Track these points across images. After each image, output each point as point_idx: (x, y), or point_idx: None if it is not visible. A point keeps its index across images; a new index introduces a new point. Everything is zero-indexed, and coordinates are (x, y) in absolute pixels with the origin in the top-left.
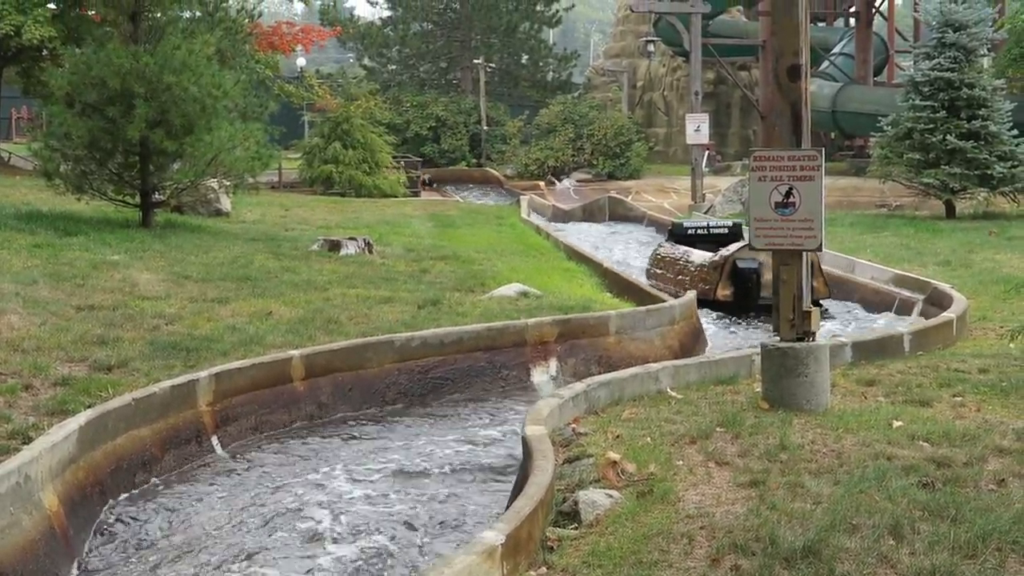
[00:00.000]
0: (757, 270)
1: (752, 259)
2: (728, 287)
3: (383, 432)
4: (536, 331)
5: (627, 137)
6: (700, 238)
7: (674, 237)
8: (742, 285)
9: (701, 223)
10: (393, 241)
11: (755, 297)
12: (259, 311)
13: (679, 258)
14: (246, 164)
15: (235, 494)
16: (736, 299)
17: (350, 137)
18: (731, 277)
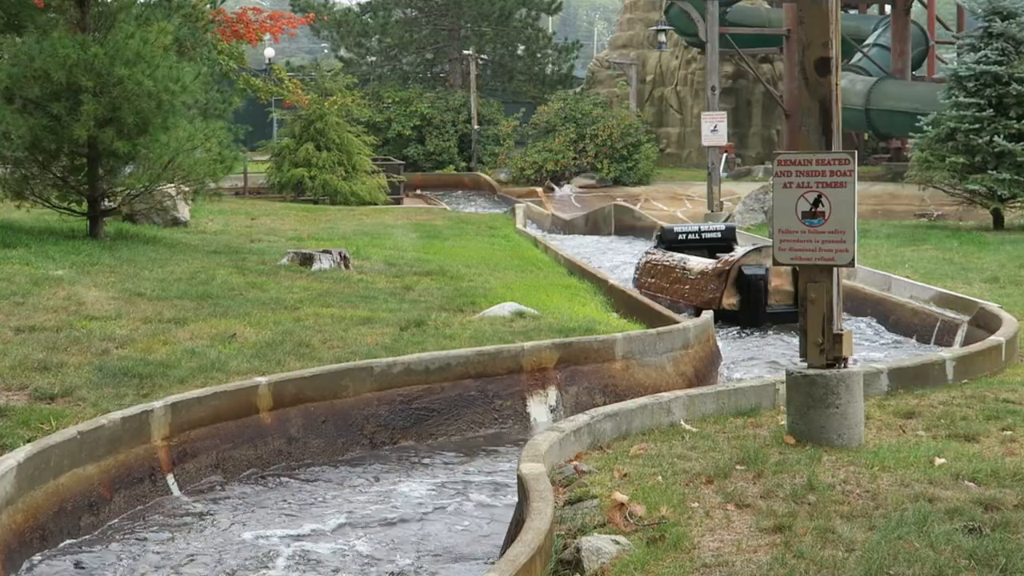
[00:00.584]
0: (765, 277)
1: (759, 265)
2: (734, 296)
3: (360, 469)
4: (533, 356)
5: (635, 138)
6: (692, 243)
7: (664, 243)
8: (749, 293)
9: (692, 227)
10: (372, 254)
11: (763, 306)
12: (221, 333)
13: (674, 265)
14: (207, 167)
15: (191, 541)
16: (743, 309)
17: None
18: (737, 285)
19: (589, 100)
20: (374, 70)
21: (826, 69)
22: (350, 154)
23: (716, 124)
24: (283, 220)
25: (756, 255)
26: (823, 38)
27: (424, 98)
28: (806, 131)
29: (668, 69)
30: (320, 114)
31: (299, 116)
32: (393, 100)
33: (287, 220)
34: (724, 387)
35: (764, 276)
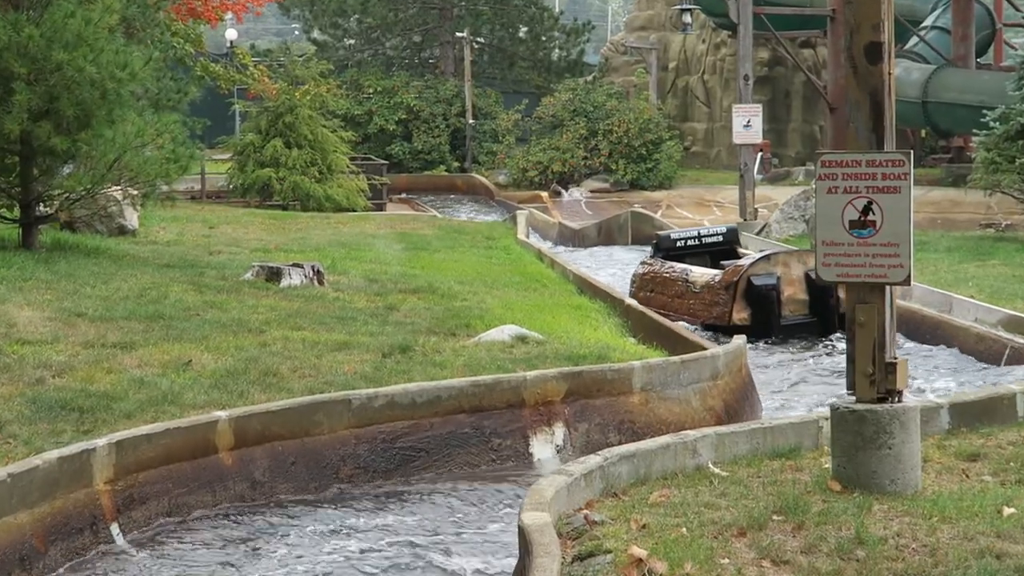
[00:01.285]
0: (776, 287)
1: (769, 274)
2: (744, 309)
3: (335, 520)
4: (537, 388)
5: (656, 134)
6: (691, 250)
7: (661, 251)
8: (760, 306)
9: (691, 232)
10: (350, 269)
11: (776, 318)
12: (175, 360)
13: (675, 276)
14: (159, 167)
15: None
16: (754, 322)
17: (295, 133)
18: (746, 297)
19: (602, 90)
20: (353, 55)
21: (877, 55)
22: (325, 152)
23: (749, 118)
24: (247, 229)
25: (765, 263)
26: (874, 19)
27: (411, 88)
28: (854, 127)
29: (694, 55)
30: (290, 106)
31: (265, 108)
32: (375, 90)
33: (251, 229)
34: (759, 424)
35: (776, 286)
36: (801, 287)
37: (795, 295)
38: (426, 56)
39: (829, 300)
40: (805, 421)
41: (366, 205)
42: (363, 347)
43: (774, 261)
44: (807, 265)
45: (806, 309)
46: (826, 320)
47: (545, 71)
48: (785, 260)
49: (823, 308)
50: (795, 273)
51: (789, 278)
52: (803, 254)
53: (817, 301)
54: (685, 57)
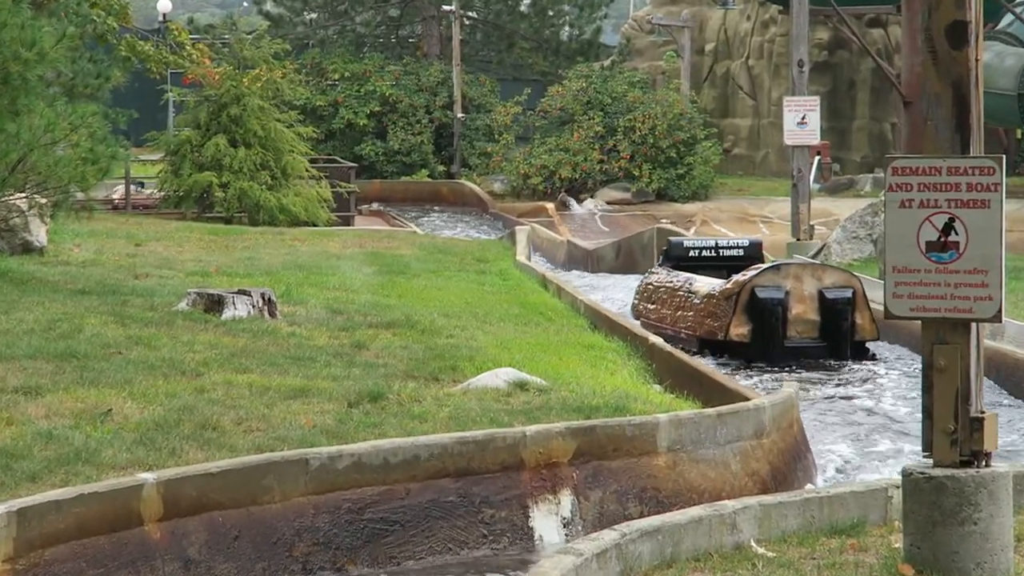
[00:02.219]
0: (783, 301)
1: (776, 287)
2: (744, 324)
3: None
4: (539, 446)
5: (688, 133)
6: (707, 262)
7: (671, 260)
8: (763, 322)
9: (708, 242)
10: (309, 297)
11: (779, 338)
12: (91, 409)
13: (679, 287)
14: (73, 170)
15: None
16: (755, 341)
17: (242, 128)
18: (748, 311)
19: (623, 78)
20: (314, 32)
21: (962, 38)
22: (279, 153)
23: (805, 114)
24: (181, 247)
25: (774, 275)
26: None
27: (386, 73)
28: (933, 126)
29: (736, 35)
30: (236, 95)
31: (206, 97)
32: (341, 75)
33: (187, 247)
34: (813, 493)
35: (782, 301)
36: (813, 306)
37: (804, 314)
38: (405, 34)
39: (843, 323)
40: (871, 490)
41: (329, 218)
42: (324, 394)
43: (784, 273)
44: (822, 282)
45: (816, 332)
46: (837, 346)
47: (552, 54)
48: (797, 273)
49: (835, 332)
50: (807, 290)
51: (800, 294)
52: (818, 269)
53: (830, 323)
54: (726, 37)
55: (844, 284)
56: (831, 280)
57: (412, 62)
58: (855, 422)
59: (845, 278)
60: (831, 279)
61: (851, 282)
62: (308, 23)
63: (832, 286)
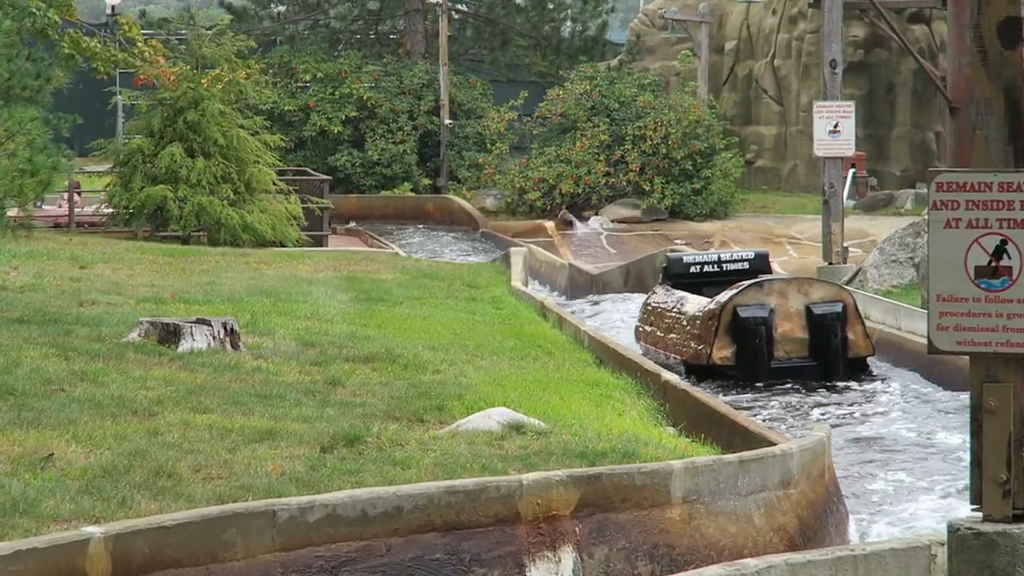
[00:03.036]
0: (767, 320)
1: (760, 305)
2: (727, 346)
3: None
4: (538, 496)
5: (706, 142)
6: (709, 278)
7: (671, 278)
8: (747, 342)
9: (710, 256)
10: (277, 327)
11: (764, 359)
12: (29, 453)
13: (671, 308)
14: (9, 183)
15: None
16: (739, 362)
17: (200, 136)
18: (731, 332)
19: (632, 80)
20: (283, 28)
21: (1016, 36)
22: (242, 164)
23: (838, 121)
24: (132, 270)
25: (756, 292)
26: None
27: (363, 74)
28: (982, 135)
29: (760, 31)
30: (194, 98)
31: (160, 101)
32: (313, 76)
33: (139, 270)
34: (847, 551)
35: (766, 320)
36: (800, 323)
37: (791, 332)
38: (385, 30)
39: (833, 340)
40: (912, 547)
41: (300, 238)
42: (294, 437)
43: (768, 290)
44: (809, 297)
45: (805, 350)
46: (828, 365)
47: (552, 52)
48: (782, 289)
49: (826, 350)
50: (793, 306)
51: (786, 311)
52: (804, 283)
53: (819, 341)
54: (748, 34)
55: (833, 298)
56: (819, 295)
57: (393, 62)
58: (867, 449)
59: (834, 292)
60: (819, 294)
61: (841, 296)
62: (276, 17)
63: (820, 301)
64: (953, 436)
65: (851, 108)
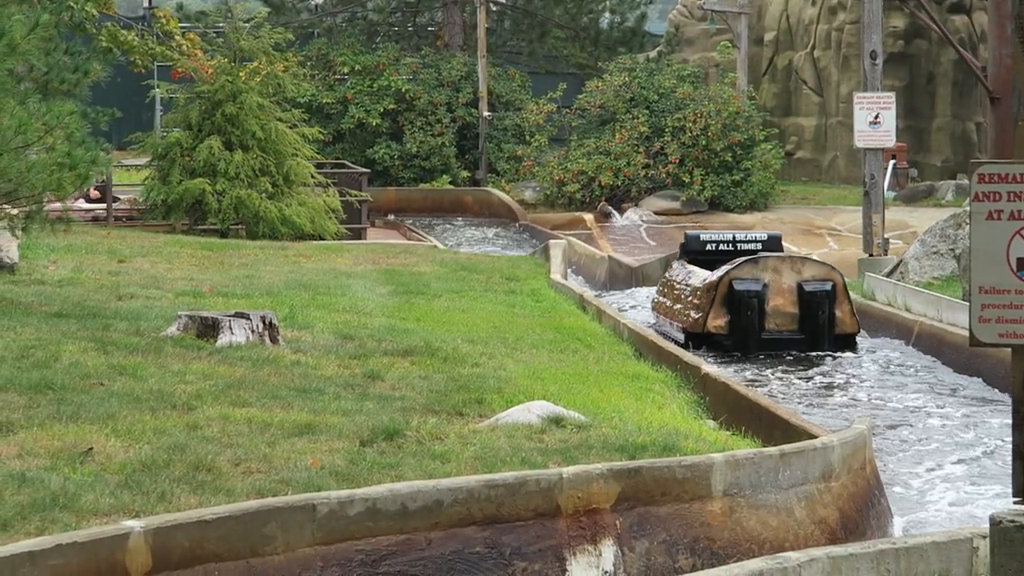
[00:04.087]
0: (760, 293)
1: (754, 279)
2: (722, 316)
3: None
4: (578, 490)
5: (746, 134)
6: (724, 256)
7: (687, 254)
8: (740, 314)
9: (725, 236)
10: (316, 321)
11: (757, 330)
12: (69, 447)
13: (680, 281)
14: (48, 177)
15: None
16: (732, 332)
17: (238, 129)
18: (726, 303)
19: (671, 71)
20: (321, 20)
21: None
22: (280, 157)
23: (878, 112)
24: (170, 264)
25: (752, 267)
26: None
27: (402, 66)
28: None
29: (800, 22)
30: (232, 91)
31: (198, 94)
32: (351, 69)
33: (177, 264)
34: (888, 544)
35: (759, 293)
36: (791, 299)
37: (783, 307)
38: (423, 22)
39: (820, 316)
40: (953, 540)
41: (338, 231)
42: (333, 431)
43: (763, 266)
44: (800, 275)
45: (795, 324)
46: (816, 338)
47: (591, 44)
48: (776, 266)
49: (813, 325)
50: (786, 282)
51: (778, 287)
52: (797, 262)
53: (808, 316)
54: (788, 25)
55: (824, 277)
56: (810, 273)
57: (431, 54)
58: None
59: (825, 271)
60: (810, 272)
61: (831, 275)
62: (313, 9)
63: (811, 279)
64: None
65: (892, 99)
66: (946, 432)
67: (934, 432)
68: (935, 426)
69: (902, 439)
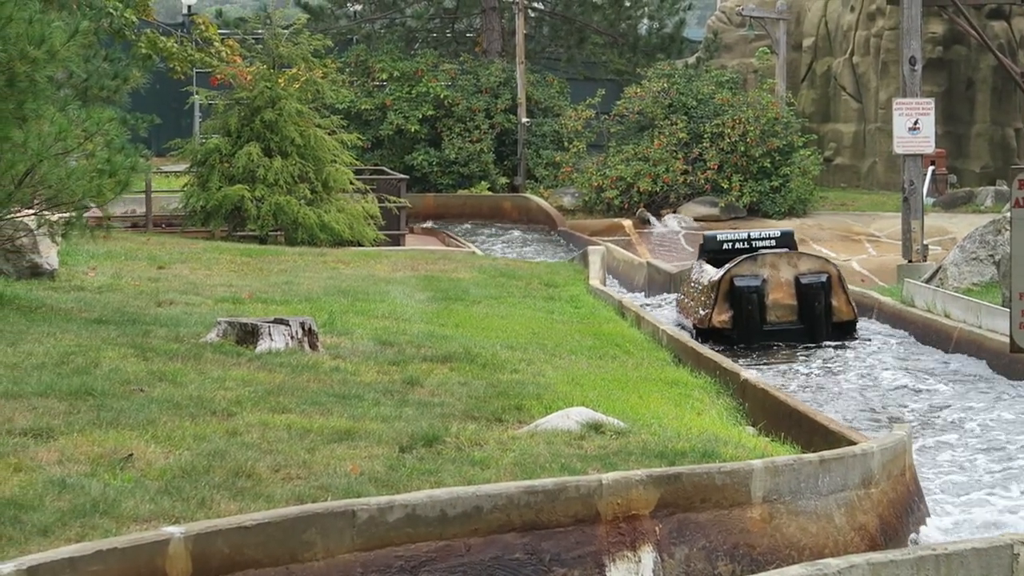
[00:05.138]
0: (759, 289)
1: (754, 275)
2: (726, 311)
3: None
4: (617, 496)
5: (785, 140)
6: (740, 254)
7: (706, 253)
8: (742, 308)
9: (741, 235)
10: (355, 327)
11: (758, 322)
12: (109, 453)
13: (695, 279)
14: (88, 183)
15: None
16: (735, 325)
17: (277, 135)
18: (729, 299)
19: (709, 77)
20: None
21: None
22: (319, 163)
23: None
24: (210, 270)
25: (751, 264)
26: None
27: (441, 73)
28: None
29: (839, 28)
30: (271, 98)
31: (237, 100)
32: (390, 75)
33: (216, 270)
34: (928, 550)
35: (759, 288)
36: (789, 292)
37: (782, 300)
38: (462, 28)
39: (817, 306)
40: (994, 547)
41: (377, 237)
42: (373, 437)
43: (762, 262)
44: (797, 269)
45: (794, 315)
46: (814, 328)
47: (629, 50)
48: (774, 262)
49: (811, 315)
50: (784, 277)
51: (777, 281)
52: (794, 257)
53: (806, 307)
54: (826, 31)
55: (819, 270)
56: (807, 267)
57: (470, 60)
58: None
59: (820, 264)
60: (807, 266)
61: (826, 268)
62: (352, 16)
63: (808, 272)
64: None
65: (931, 105)
66: (985, 438)
67: (971, 437)
68: (973, 430)
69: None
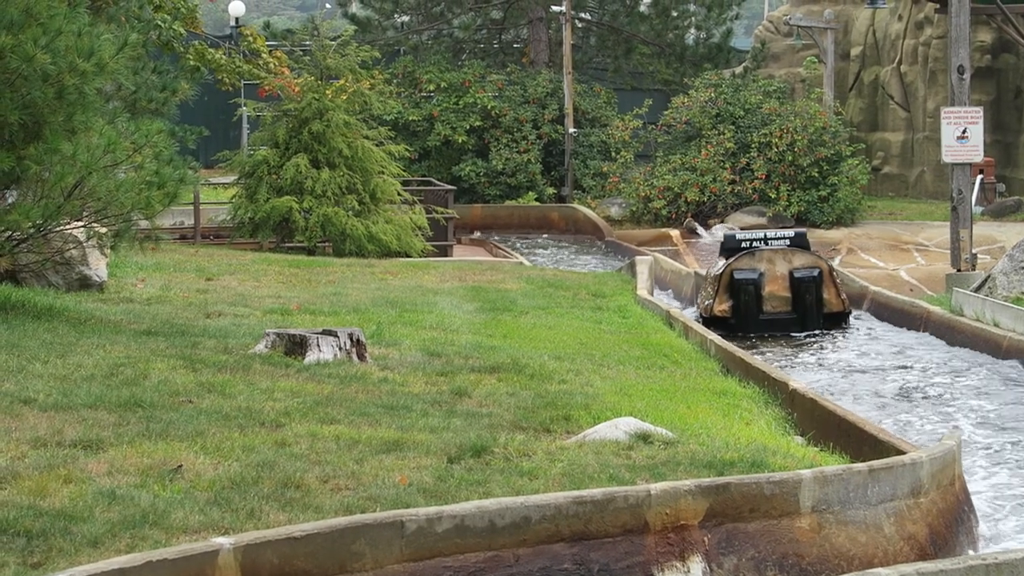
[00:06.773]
0: (756, 281)
1: (752, 269)
2: (726, 301)
3: None
4: (666, 506)
5: (833, 149)
6: None
7: (725, 252)
8: (741, 299)
9: (758, 234)
10: (403, 337)
11: (755, 312)
12: (158, 465)
13: (708, 275)
14: (137, 195)
15: None
16: (735, 315)
17: (325, 147)
18: (728, 290)
19: (757, 87)
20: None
21: None
22: (367, 174)
23: (966, 127)
24: (258, 281)
25: (749, 259)
26: None
27: (488, 83)
28: None
29: (887, 37)
30: (319, 109)
31: (285, 112)
32: (437, 86)
33: (264, 281)
34: (979, 560)
35: (756, 281)
36: (784, 284)
37: (777, 292)
38: (509, 39)
39: (808, 298)
40: None
41: (425, 248)
42: (421, 448)
43: (759, 257)
44: (792, 264)
45: (788, 306)
46: (807, 317)
47: (676, 60)
48: (770, 257)
49: (804, 306)
50: (779, 270)
51: (773, 275)
52: (789, 252)
53: (799, 299)
54: (874, 40)
55: (811, 265)
56: (800, 262)
57: (517, 71)
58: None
59: (812, 260)
60: (800, 261)
61: (818, 263)
62: (399, 27)
63: (801, 267)
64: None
65: (979, 113)
66: None
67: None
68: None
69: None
